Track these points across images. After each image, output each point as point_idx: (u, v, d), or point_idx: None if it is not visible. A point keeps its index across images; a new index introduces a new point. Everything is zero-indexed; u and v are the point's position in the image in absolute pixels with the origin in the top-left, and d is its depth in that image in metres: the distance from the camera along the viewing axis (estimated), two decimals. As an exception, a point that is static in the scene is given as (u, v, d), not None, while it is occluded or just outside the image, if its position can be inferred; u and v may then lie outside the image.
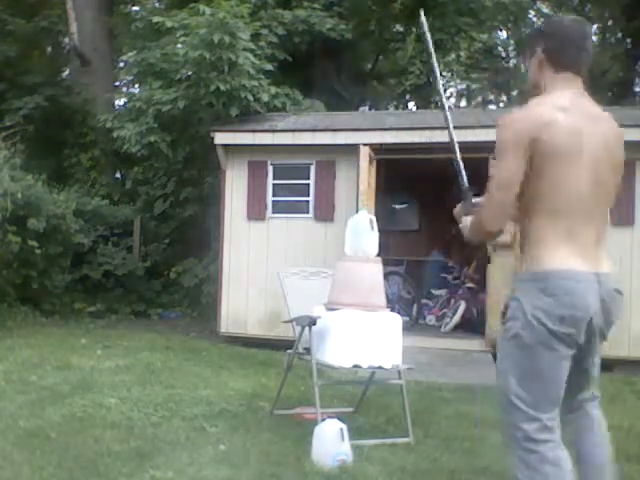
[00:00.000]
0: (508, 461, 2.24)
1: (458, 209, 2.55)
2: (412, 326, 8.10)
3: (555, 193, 2.17)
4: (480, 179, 2.81)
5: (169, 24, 8.97)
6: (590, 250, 2.19)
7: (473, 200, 2.52)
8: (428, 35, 2.76)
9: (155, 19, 9.42)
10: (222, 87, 8.28)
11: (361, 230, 4.18)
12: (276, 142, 7.86)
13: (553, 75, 2.31)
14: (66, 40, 15.62)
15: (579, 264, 2.14)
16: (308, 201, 7.82)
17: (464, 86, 18.14)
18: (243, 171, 7.98)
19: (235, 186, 8.00)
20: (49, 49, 17.62)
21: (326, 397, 4.40)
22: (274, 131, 7.98)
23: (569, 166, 2.16)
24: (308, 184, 7.82)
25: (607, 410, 4.89)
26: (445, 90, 17.94)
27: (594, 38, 21.65)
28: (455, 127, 2.86)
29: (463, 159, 2.81)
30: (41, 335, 7.68)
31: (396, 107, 17.62)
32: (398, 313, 4.42)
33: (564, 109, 2.19)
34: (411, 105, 17.85)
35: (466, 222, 2.45)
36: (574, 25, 2.32)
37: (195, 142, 9.73)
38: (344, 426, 3.53)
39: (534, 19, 20.09)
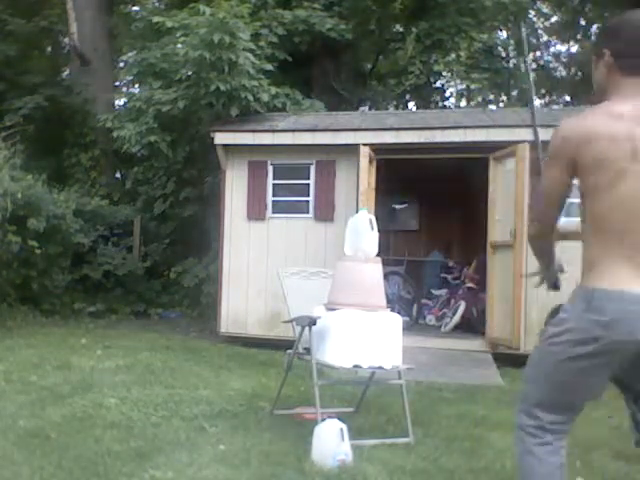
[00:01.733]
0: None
1: None
2: (412, 326, 8.11)
3: (614, 210, 1.97)
4: (480, 179, 2.82)
5: (169, 24, 8.97)
6: None
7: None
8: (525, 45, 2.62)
9: (155, 19, 9.43)
10: (222, 87, 8.28)
11: (361, 230, 4.18)
12: (276, 142, 7.86)
13: (619, 79, 2.07)
14: (66, 40, 15.62)
15: (635, 285, 1.95)
16: (308, 201, 7.82)
17: (464, 86, 18.13)
18: (243, 171, 7.98)
19: (235, 186, 8.00)
20: (49, 49, 17.63)
21: (326, 397, 4.40)
22: (274, 131, 7.98)
23: (625, 178, 1.94)
24: (308, 184, 7.82)
25: (607, 410, 4.90)
26: (444, 90, 17.93)
27: (594, 38, 21.67)
28: (455, 127, 2.85)
29: (463, 159, 2.82)
30: (41, 335, 7.67)
31: (396, 107, 17.61)
32: (398, 313, 4.42)
33: (620, 117, 1.97)
34: (411, 105, 17.85)
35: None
36: None
37: (195, 142, 9.73)
38: (344, 426, 3.52)
39: (534, 19, 20.11)
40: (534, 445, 2.15)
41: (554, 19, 21.98)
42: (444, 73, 15.28)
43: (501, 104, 19.99)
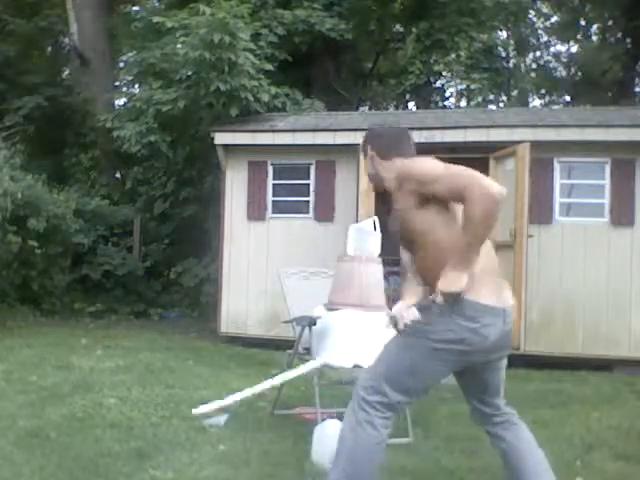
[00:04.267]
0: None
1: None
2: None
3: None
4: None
5: (169, 24, 8.97)
6: (501, 285, 2.48)
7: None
8: None
9: (155, 19, 9.43)
10: (222, 87, 8.28)
11: (364, 231, 4.18)
12: (276, 142, 7.86)
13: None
14: (66, 40, 15.63)
15: (495, 301, 2.37)
16: (308, 201, 7.82)
17: (464, 86, 18.12)
18: (243, 171, 7.98)
19: (235, 186, 8.00)
20: (49, 49, 17.63)
21: (326, 397, 4.39)
22: (274, 131, 7.98)
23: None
24: (308, 184, 7.82)
25: (607, 410, 4.91)
26: (444, 90, 17.95)
27: (594, 38, 21.68)
28: (455, 127, 2.91)
29: (464, 159, 2.86)
30: (41, 335, 7.67)
31: (396, 107, 17.62)
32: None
33: None
34: (411, 105, 17.84)
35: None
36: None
37: (195, 142, 9.73)
38: (344, 426, 3.52)
39: (534, 19, 20.12)
40: (377, 418, 2.39)
41: (554, 19, 21.98)
42: (444, 73, 15.27)
43: (501, 104, 19.98)
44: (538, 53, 23.28)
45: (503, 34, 18.71)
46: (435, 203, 2.33)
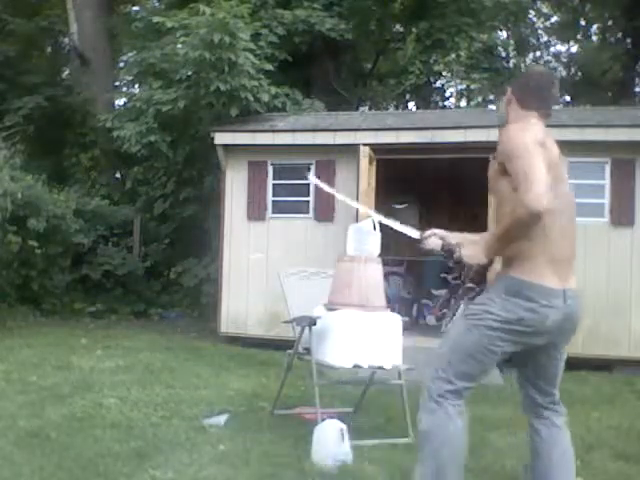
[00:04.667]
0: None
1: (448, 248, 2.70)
2: (412, 326, 8.10)
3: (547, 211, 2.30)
4: (480, 179, 2.82)
5: (169, 24, 8.97)
6: (566, 269, 2.45)
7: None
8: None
9: (155, 19, 9.43)
10: (222, 87, 8.28)
11: (364, 231, 4.17)
12: (276, 142, 7.86)
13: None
14: (66, 40, 15.63)
15: (556, 283, 2.38)
16: (308, 201, 7.82)
17: (464, 86, 18.14)
18: (243, 171, 7.98)
19: (235, 186, 8.00)
20: (49, 49, 17.63)
21: (326, 397, 4.39)
22: (274, 131, 7.98)
23: (558, 184, 2.38)
24: (308, 184, 7.81)
25: (607, 410, 4.91)
26: (444, 90, 17.95)
27: (594, 38, 21.67)
28: (455, 127, 2.93)
29: (464, 159, 2.87)
30: (41, 335, 7.67)
31: (396, 107, 17.62)
32: (398, 313, 4.41)
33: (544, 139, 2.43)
34: (411, 105, 17.85)
35: (468, 251, 2.60)
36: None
37: (195, 142, 9.72)
38: (344, 426, 3.52)
39: (534, 19, 20.10)
40: (450, 406, 2.43)
41: (554, 19, 21.96)
42: (444, 73, 15.28)
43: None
44: (538, 53, 23.26)
45: (503, 34, 18.69)
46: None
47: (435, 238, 2.74)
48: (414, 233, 2.89)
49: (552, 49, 23.38)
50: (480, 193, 7.91)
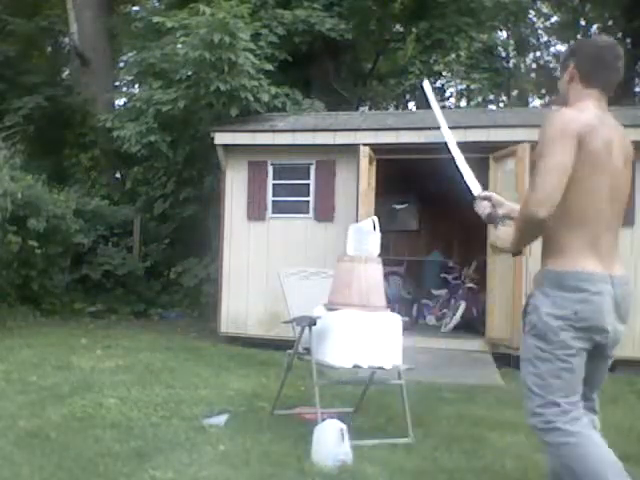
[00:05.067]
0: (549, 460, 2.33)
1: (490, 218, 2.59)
2: (412, 326, 8.10)
3: (585, 201, 2.25)
4: (480, 179, 2.82)
5: (169, 24, 8.97)
6: (609, 257, 2.35)
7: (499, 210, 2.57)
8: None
9: (155, 19, 9.43)
10: (222, 87, 8.28)
11: (364, 231, 4.17)
12: (276, 142, 7.86)
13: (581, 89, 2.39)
14: (66, 40, 15.64)
15: (599, 269, 2.27)
16: (308, 201, 7.82)
17: (464, 86, 18.15)
18: (243, 171, 7.98)
19: (235, 186, 8.00)
20: (49, 49, 17.64)
21: (326, 397, 4.39)
22: (274, 131, 7.98)
23: (600, 174, 2.25)
24: (308, 184, 7.82)
25: (608, 410, 4.89)
26: (444, 90, 17.92)
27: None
28: (455, 127, 2.88)
29: (464, 159, 2.82)
30: (41, 335, 7.67)
31: (396, 107, 17.63)
32: (398, 313, 4.41)
33: (600, 119, 2.29)
34: (411, 105, 17.86)
35: (502, 233, 2.50)
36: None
37: (195, 142, 9.73)
38: (344, 426, 3.52)
39: (534, 19, 20.11)
40: (567, 425, 2.22)
41: (554, 19, 21.98)
42: (444, 73, 15.28)
43: (501, 104, 19.99)
44: (538, 53, 23.29)
45: (503, 34, 18.71)
46: None
47: (487, 203, 2.58)
48: (475, 188, 2.72)
49: (552, 49, 23.41)
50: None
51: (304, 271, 4.63)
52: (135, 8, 15.26)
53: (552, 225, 2.24)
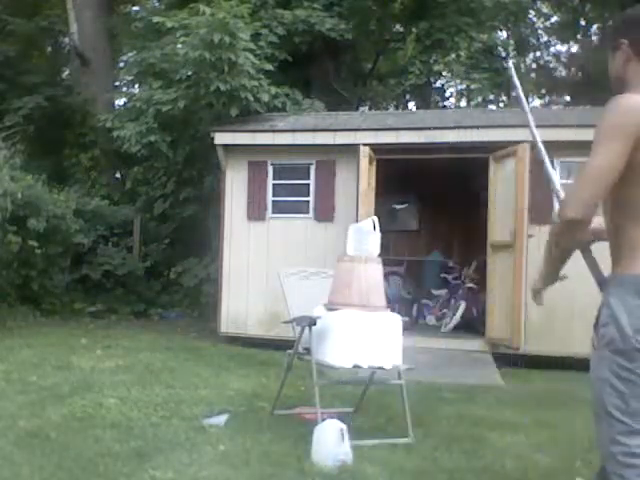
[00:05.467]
0: None
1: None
2: (412, 326, 8.10)
3: None
4: (480, 179, 2.82)
5: (169, 24, 8.98)
6: None
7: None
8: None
9: (155, 19, 9.44)
10: (222, 87, 8.28)
11: (364, 231, 4.17)
12: (276, 142, 7.86)
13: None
14: (66, 40, 15.64)
15: None
16: (308, 201, 7.82)
17: (464, 86, 18.13)
18: (243, 171, 7.98)
19: (235, 186, 8.00)
20: (49, 49, 17.64)
21: (326, 397, 4.39)
22: (274, 131, 7.98)
23: None
24: (308, 184, 7.82)
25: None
26: (444, 90, 17.91)
27: (594, 38, 21.65)
28: (455, 127, 2.85)
29: (463, 159, 2.81)
30: (41, 335, 7.67)
31: (396, 107, 17.62)
32: (398, 313, 4.41)
33: None
34: (411, 105, 17.85)
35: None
36: None
37: (195, 142, 9.73)
38: (344, 426, 3.52)
39: (534, 19, 20.10)
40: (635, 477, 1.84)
41: (554, 19, 21.97)
42: (444, 73, 15.27)
43: (501, 104, 19.98)
44: (538, 53, 23.27)
45: (503, 34, 18.68)
46: None
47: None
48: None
49: (552, 49, 23.40)
50: (480, 193, 7.95)
51: (304, 271, 4.63)
52: (135, 8, 15.26)
53: (618, 222, 1.97)
